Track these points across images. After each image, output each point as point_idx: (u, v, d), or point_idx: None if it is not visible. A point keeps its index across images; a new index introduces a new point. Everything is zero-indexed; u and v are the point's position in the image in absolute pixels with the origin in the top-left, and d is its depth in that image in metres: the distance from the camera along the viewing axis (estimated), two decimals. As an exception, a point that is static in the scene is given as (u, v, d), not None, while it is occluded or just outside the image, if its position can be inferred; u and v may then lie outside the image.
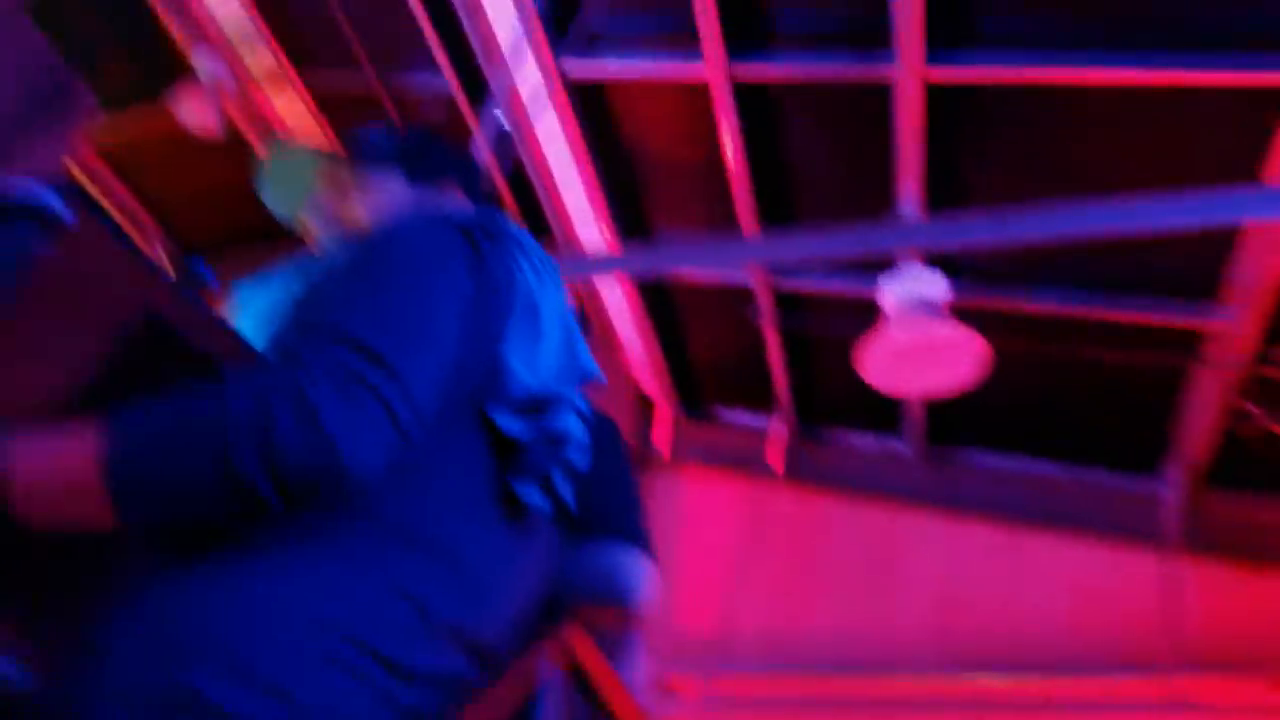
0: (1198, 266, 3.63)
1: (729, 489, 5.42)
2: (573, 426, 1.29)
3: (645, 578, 1.54)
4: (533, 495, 1.21)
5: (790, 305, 4.67)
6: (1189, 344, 3.91)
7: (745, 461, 5.32)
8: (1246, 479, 4.43)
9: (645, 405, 5.56)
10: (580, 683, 1.41)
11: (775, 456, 5.26)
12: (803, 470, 5.24)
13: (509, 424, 1.15)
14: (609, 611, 1.45)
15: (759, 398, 5.26)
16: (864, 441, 5.25)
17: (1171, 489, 4.48)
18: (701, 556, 5.25)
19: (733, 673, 4.82)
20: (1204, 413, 4.09)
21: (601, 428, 1.60)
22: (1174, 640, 4.33)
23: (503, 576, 1.19)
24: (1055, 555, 4.71)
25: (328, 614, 0.98)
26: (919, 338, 3.76)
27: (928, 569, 4.89)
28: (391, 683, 1.00)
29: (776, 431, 5.27)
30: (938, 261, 3.87)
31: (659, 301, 5.05)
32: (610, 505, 1.54)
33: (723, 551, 5.26)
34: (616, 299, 5.04)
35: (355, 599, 1.00)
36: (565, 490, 1.30)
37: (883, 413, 4.87)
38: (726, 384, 5.51)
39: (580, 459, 1.33)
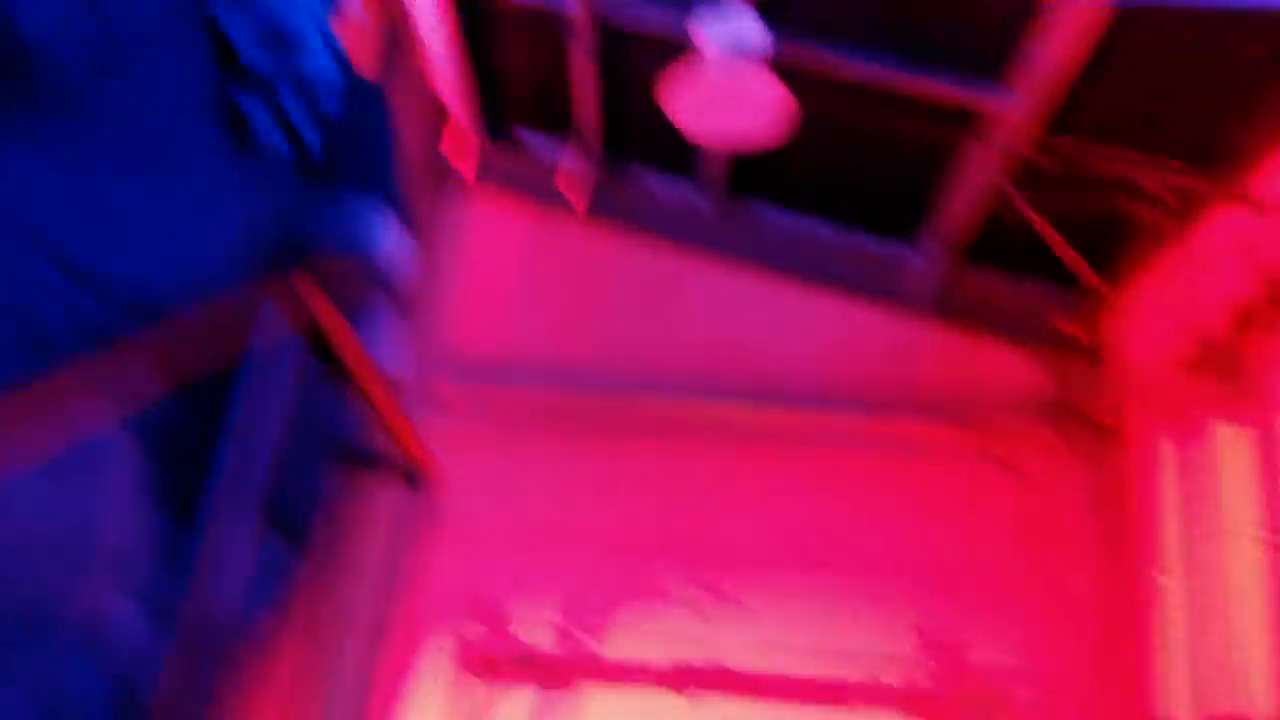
0: (993, 44, 3.74)
1: (525, 216, 5.39)
2: (318, 58, 1.18)
3: (394, 238, 1.48)
4: (262, 122, 1.11)
5: (608, 38, 4.48)
6: (970, 121, 4.09)
7: (545, 191, 5.27)
8: (999, 258, 4.85)
9: (450, 122, 5.30)
10: (314, 340, 1.34)
11: (575, 190, 5.22)
12: (601, 207, 5.25)
13: (232, 23, 1.03)
14: (350, 268, 1.40)
15: (567, 130, 5.13)
16: (664, 186, 5.29)
17: (928, 258, 4.86)
18: (490, 277, 5.27)
19: (509, 388, 4.99)
20: (970, 190, 4.37)
21: (365, 87, 1.48)
22: (905, 392, 4.90)
23: (218, 201, 1.10)
24: (818, 307, 5.09)
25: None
26: (728, 83, 3.72)
27: (706, 311, 5.16)
28: (67, 283, 0.91)
29: (580, 166, 5.20)
30: (757, 7, 3.78)
31: (473, 17, 4.71)
32: (364, 162, 1.45)
33: (512, 274, 5.29)
34: (428, 9, 4.64)
35: (34, 187, 0.87)
36: (306, 129, 1.21)
37: (685, 160, 4.89)
38: (535, 112, 5.32)
39: (328, 99, 1.23)
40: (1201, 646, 3.99)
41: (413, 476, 1.74)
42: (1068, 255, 4.38)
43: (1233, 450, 3.93)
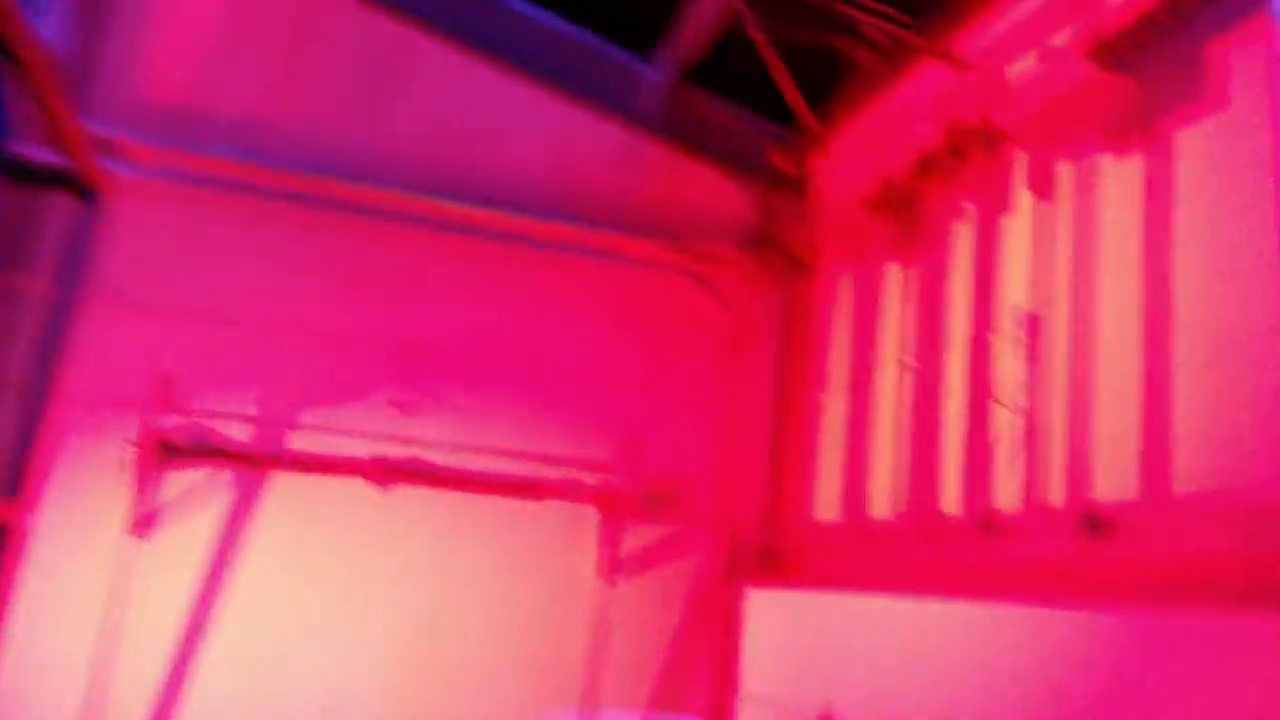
0: None
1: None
2: None
3: None
4: None
5: None
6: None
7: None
8: (725, 84, 4.99)
9: None
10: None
11: (296, -62, 4.65)
12: (326, -41, 4.73)
13: None
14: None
15: None
16: (401, -49, 4.85)
17: (663, 73, 4.90)
18: (186, 17, 4.61)
19: (202, 154, 4.48)
20: (708, 7, 4.41)
21: None
22: (622, 206, 5.01)
23: None
24: (543, 110, 4.99)
25: None
26: None
27: (433, 96, 4.87)
28: None
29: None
30: None
31: None
32: None
33: (211, 19, 4.66)
34: None
35: None
36: None
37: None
38: None
39: None
40: (850, 459, 4.57)
41: (84, 190, 1.53)
42: (788, 88, 4.58)
43: (898, 286, 4.42)
